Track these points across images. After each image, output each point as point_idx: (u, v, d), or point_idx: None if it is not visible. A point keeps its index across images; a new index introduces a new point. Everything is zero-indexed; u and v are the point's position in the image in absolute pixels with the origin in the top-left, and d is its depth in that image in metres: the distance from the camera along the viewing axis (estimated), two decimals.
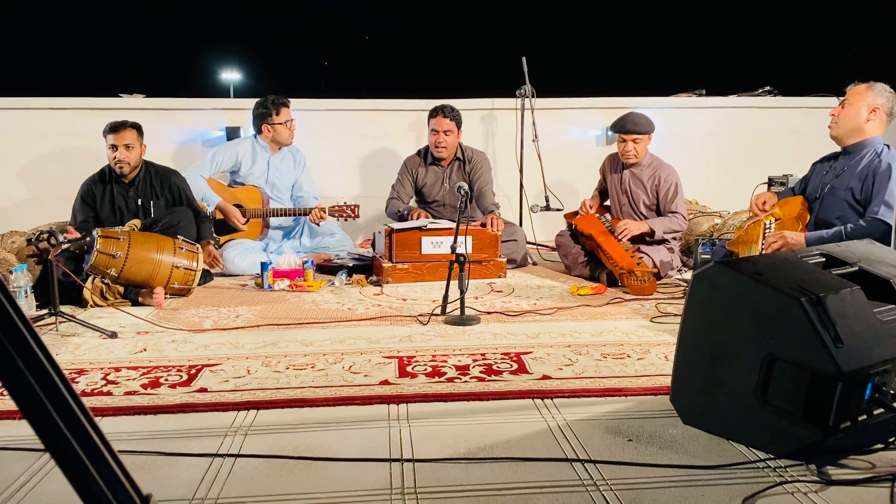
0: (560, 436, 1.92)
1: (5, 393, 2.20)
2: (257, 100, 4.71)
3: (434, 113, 4.54)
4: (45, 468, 1.73)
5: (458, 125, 4.56)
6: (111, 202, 3.95)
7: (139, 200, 3.96)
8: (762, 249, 3.18)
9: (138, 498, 0.63)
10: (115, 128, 3.90)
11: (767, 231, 3.25)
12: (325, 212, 4.46)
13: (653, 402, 2.16)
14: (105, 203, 3.95)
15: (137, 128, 3.96)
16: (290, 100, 4.72)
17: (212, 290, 3.89)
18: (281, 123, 4.59)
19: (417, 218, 4.35)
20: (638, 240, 4.10)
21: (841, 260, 2.02)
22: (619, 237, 3.96)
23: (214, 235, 4.23)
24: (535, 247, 5.03)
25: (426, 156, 4.67)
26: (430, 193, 4.67)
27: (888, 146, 3.16)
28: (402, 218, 4.48)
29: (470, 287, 3.39)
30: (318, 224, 4.57)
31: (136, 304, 3.48)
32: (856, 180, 3.14)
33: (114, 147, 3.88)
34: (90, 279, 3.43)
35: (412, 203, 4.75)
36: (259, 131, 4.66)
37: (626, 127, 4.14)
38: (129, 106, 5.35)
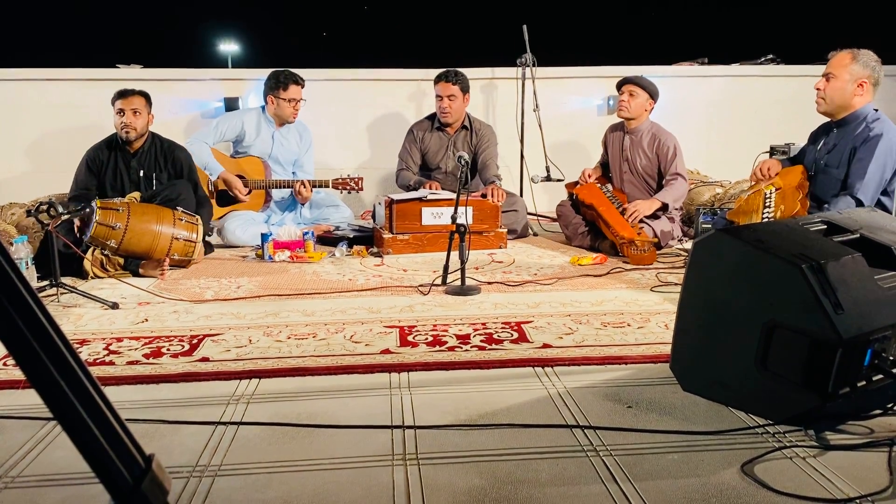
0: (560, 403, 1.93)
1: (7, 363, 2.22)
2: (270, 70, 4.64)
3: (438, 79, 4.54)
4: (49, 436, 1.74)
5: (464, 90, 4.53)
6: (115, 170, 3.94)
7: (142, 171, 3.94)
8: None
9: (142, 459, 0.64)
10: (123, 93, 3.89)
11: (768, 200, 3.23)
12: (306, 188, 4.44)
13: (653, 370, 2.17)
14: (108, 171, 3.94)
15: (146, 96, 3.95)
16: (305, 80, 4.64)
17: (212, 261, 3.89)
18: (286, 100, 4.54)
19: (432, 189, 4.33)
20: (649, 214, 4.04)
21: (842, 227, 2.02)
22: (630, 220, 3.89)
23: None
24: (535, 217, 5.03)
25: (434, 121, 4.66)
26: (433, 161, 4.65)
27: (877, 110, 3.11)
28: (412, 190, 4.45)
29: (470, 257, 3.39)
30: (301, 203, 4.58)
31: (136, 275, 3.49)
32: (846, 155, 3.10)
33: (121, 112, 3.86)
34: (90, 250, 3.44)
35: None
36: (266, 102, 4.62)
37: (627, 77, 4.18)
38: (127, 76, 5.31)
